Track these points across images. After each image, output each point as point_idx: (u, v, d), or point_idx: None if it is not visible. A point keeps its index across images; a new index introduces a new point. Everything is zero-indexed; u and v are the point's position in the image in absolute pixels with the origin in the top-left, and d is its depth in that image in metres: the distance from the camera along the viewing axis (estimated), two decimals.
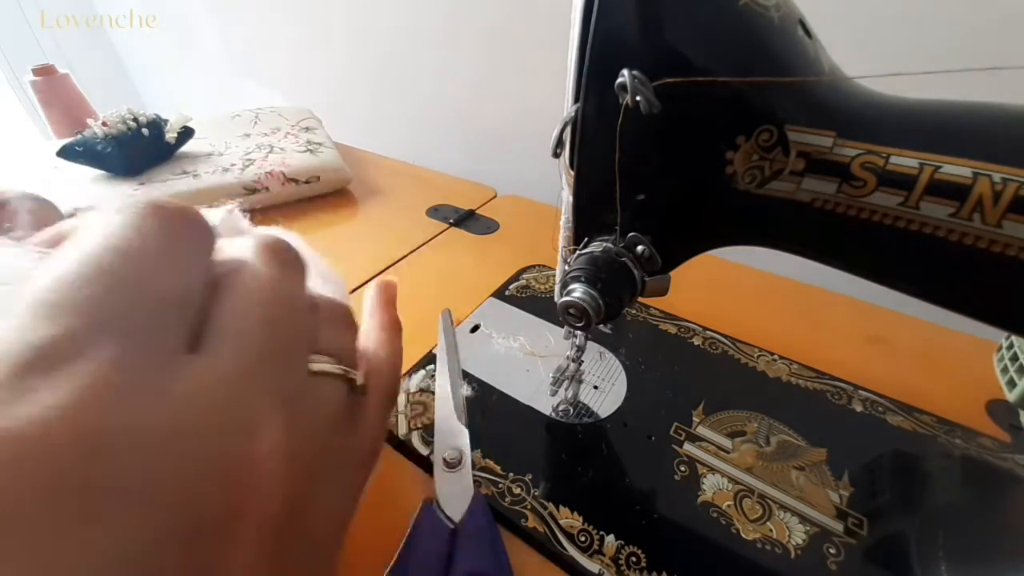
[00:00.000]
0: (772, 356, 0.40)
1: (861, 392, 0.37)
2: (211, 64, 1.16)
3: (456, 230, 0.58)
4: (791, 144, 0.20)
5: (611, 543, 0.28)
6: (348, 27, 0.87)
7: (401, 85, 0.87)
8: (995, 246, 0.18)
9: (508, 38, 0.71)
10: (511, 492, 0.31)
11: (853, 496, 0.30)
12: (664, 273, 0.25)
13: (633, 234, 0.24)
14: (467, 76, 0.78)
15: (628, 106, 0.20)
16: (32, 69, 0.72)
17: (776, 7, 0.20)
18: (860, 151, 0.19)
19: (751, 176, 0.21)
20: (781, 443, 0.33)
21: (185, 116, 0.60)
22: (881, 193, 0.19)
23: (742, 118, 0.20)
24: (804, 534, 0.29)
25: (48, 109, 0.74)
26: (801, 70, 0.20)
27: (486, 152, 0.82)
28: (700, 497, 0.30)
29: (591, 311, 0.23)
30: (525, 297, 0.47)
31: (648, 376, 0.38)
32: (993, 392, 0.36)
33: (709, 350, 0.41)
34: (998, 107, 0.18)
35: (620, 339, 0.41)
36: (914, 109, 0.20)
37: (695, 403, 0.36)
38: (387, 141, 0.88)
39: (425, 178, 0.71)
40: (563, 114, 0.23)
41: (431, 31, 0.77)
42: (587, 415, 0.35)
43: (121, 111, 0.55)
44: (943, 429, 0.34)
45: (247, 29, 1.03)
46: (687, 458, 0.32)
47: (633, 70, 0.19)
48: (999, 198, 0.17)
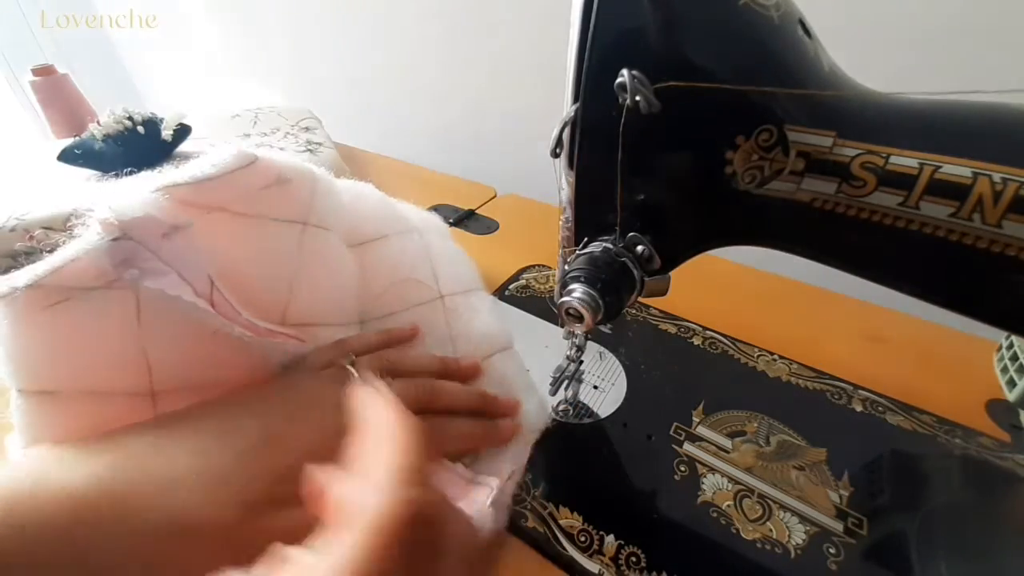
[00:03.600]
0: (772, 356, 0.40)
1: (861, 392, 0.37)
2: (211, 64, 1.16)
3: (456, 230, 0.58)
4: (791, 144, 0.20)
5: (611, 543, 0.28)
6: (348, 27, 0.87)
7: (401, 85, 0.87)
8: (995, 246, 0.17)
9: (508, 38, 0.71)
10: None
11: (853, 496, 0.30)
12: (664, 273, 0.25)
13: (633, 234, 0.24)
14: (467, 76, 0.78)
15: (628, 106, 0.20)
16: (32, 69, 0.72)
17: (776, 7, 0.20)
18: (860, 151, 0.19)
19: (751, 176, 0.21)
20: (781, 443, 0.33)
21: (180, 113, 0.60)
22: (881, 193, 0.19)
23: (742, 118, 0.20)
24: (804, 534, 0.29)
25: (48, 109, 0.74)
26: (801, 70, 0.20)
27: (486, 152, 0.82)
28: (700, 497, 0.30)
29: (591, 311, 0.23)
30: (525, 297, 0.47)
31: (648, 376, 0.38)
32: (993, 392, 0.36)
33: (709, 350, 0.41)
34: (998, 107, 0.18)
35: (620, 339, 0.41)
36: (914, 109, 0.20)
37: (695, 403, 0.36)
38: (387, 141, 0.88)
39: (425, 178, 0.71)
40: (563, 114, 0.23)
41: (431, 31, 0.77)
42: (587, 415, 0.35)
43: (116, 111, 0.55)
44: (943, 429, 0.34)
45: (247, 29, 1.03)
46: (687, 458, 0.32)
47: (633, 70, 0.19)
48: (999, 198, 0.17)
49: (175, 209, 0.23)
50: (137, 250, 0.22)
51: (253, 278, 0.26)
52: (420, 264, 0.34)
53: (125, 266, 0.21)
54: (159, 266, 0.22)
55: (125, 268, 0.21)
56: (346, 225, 0.31)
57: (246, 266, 0.26)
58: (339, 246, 0.30)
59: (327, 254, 0.29)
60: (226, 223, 0.25)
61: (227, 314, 0.23)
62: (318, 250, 0.29)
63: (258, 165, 0.25)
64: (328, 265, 0.29)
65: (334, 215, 0.30)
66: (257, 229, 0.26)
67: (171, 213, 0.23)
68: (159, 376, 0.23)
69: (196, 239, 0.23)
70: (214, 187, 0.24)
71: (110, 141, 0.53)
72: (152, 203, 0.22)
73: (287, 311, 0.27)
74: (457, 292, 0.35)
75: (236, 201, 0.25)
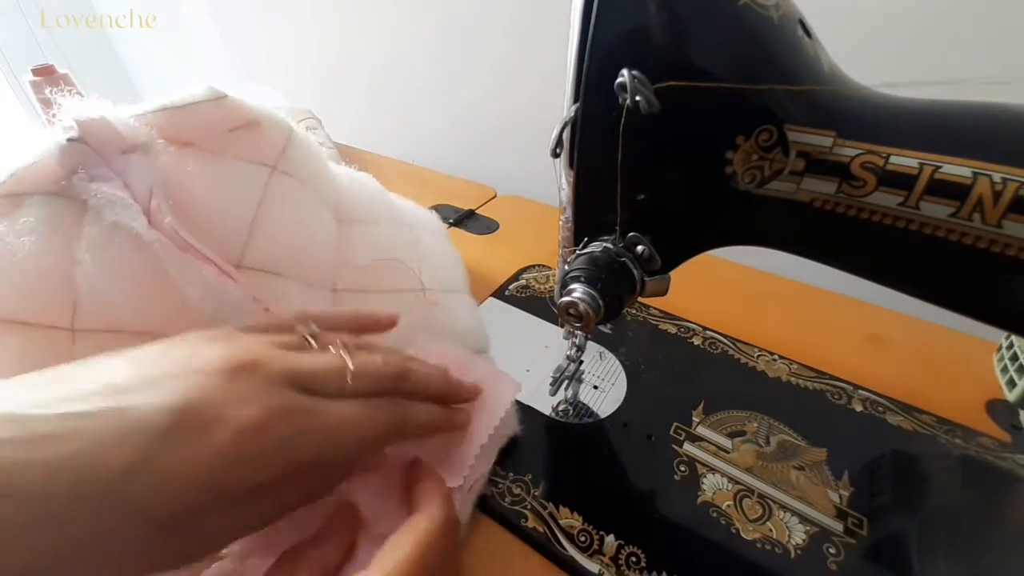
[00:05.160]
0: (772, 356, 0.40)
1: (861, 392, 0.37)
2: (211, 64, 1.16)
3: (456, 230, 0.58)
4: (791, 144, 0.20)
5: (611, 543, 0.28)
6: (348, 27, 0.87)
7: (401, 85, 0.87)
8: (995, 246, 0.17)
9: (508, 38, 0.71)
10: (511, 492, 0.31)
11: (853, 496, 0.30)
12: (664, 273, 0.25)
13: (633, 234, 0.24)
14: (467, 76, 0.78)
15: (628, 106, 0.20)
16: (32, 69, 0.72)
17: (776, 7, 0.20)
18: (860, 151, 0.19)
19: (751, 176, 0.21)
20: (781, 443, 0.33)
21: None
22: (881, 193, 0.19)
23: (742, 118, 0.20)
24: (804, 534, 0.29)
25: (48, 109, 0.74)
26: (801, 70, 0.20)
27: (486, 152, 0.82)
28: (700, 497, 0.30)
29: (591, 311, 0.23)
30: (525, 297, 0.47)
31: (648, 376, 0.38)
32: (993, 392, 0.36)
33: (709, 350, 0.41)
34: (998, 107, 0.18)
35: (620, 339, 0.41)
36: (914, 109, 0.20)
37: (695, 403, 0.36)
38: (387, 141, 0.88)
39: (425, 178, 0.71)
40: (563, 114, 0.23)
41: (431, 31, 0.77)
42: (587, 415, 0.35)
43: None
44: (943, 429, 0.34)
45: (247, 29, 1.03)
46: (687, 458, 0.32)
47: (633, 70, 0.19)
48: (999, 198, 0.17)
49: (141, 131, 0.23)
50: (91, 156, 0.21)
51: (212, 213, 0.25)
52: (407, 255, 0.34)
53: (76, 172, 0.21)
54: (108, 174, 0.22)
55: (76, 173, 0.21)
56: (335, 198, 0.31)
57: (205, 200, 0.25)
58: (313, 201, 0.30)
59: (296, 204, 0.28)
60: (191, 158, 0.25)
61: (170, 237, 0.22)
62: (285, 198, 0.28)
63: (226, 102, 0.25)
64: (295, 215, 0.28)
65: (311, 171, 0.29)
66: (219, 164, 0.26)
67: (135, 132, 0.22)
68: (84, 312, 0.22)
69: (157, 164, 0.23)
70: (182, 118, 0.24)
71: None
72: (116, 118, 0.22)
73: (244, 253, 0.26)
74: (439, 290, 0.34)
75: (204, 139, 0.25)
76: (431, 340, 0.31)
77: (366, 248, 0.32)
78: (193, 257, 0.23)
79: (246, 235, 0.26)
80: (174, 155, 0.24)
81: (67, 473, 0.14)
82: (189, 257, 0.23)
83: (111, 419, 0.15)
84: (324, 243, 0.30)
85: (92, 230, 0.22)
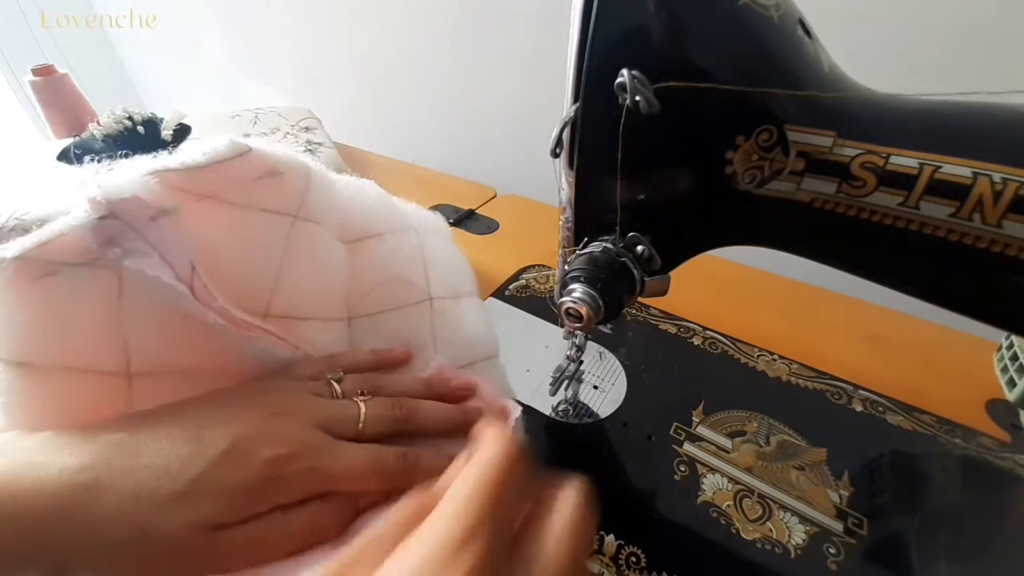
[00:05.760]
0: (772, 356, 0.40)
1: (861, 392, 0.37)
2: (211, 64, 1.16)
3: (456, 230, 0.58)
4: (791, 144, 0.20)
5: (611, 543, 0.28)
6: (348, 27, 0.87)
7: (401, 85, 0.87)
8: (995, 246, 0.17)
9: (508, 38, 0.71)
10: None
11: (853, 496, 0.30)
12: (664, 273, 0.25)
13: (633, 234, 0.24)
14: (467, 76, 0.78)
15: (628, 106, 0.19)
16: (32, 69, 0.72)
17: (776, 7, 0.20)
18: (860, 151, 0.19)
19: (751, 176, 0.21)
20: (781, 443, 0.33)
21: (180, 113, 0.60)
22: (881, 193, 0.19)
23: (742, 118, 0.20)
24: (804, 534, 0.29)
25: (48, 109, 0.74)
26: (801, 70, 0.20)
27: (486, 152, 0.82)
28: (700, 497, 0.30)
29: (591, 311, 0.23)
30: (525, 297, 0.47)
31: (648, 376, 0.38)
32: (993, 392, 0.36)
33: (709, 350, 0.40)
34: (998, 107, 0.18)
35: (620, 339, 0.41)
36: (914, 109, 0.20)
37: (695, 403, 0.36)
38: (387, 141, 0.88)
39: (425, 178, 0.71)
40: (563, 114, 0.23)
41: (431, 31, 0.77)
42: (587, 415, 0.35)
43: (116, 111, 0.55)
44: (943, 429, 0.34)
45: (247, 29, 1.03)
46: (687, 458, 0.32)
47: (633, 70, 0.19)
48: (999, 198, 0.17)
49: (164, 193, 0.23)
50: (122, 229, 0.21)
51: (237, 267, 0.26)
52: (412, 264, 0.34)
53: (110, 245, 0.21)
54: (143, 247, 0.22)
55: (110, 247, 0.21)
56: (340, 220, 0.31)
57: (231, 255, 0.26)
58: (329, 240, 0.30)
59: (315, 249, 0.29)
60: (215, 211, 0.25)
61: (205, 300, 0.23)
62: (306, 244, 0.28)
63: (251, 156, 0.25)
64: (316, 260, 0.29)
65: (326, 209, 0.30)
66: (245, 219, 0.26)
67: (159, 197, 0.22)
68: (136, 358, 0.23)
69: (183, 224, 0.23)
70: (205, 175, 0.24)
71: (110, 141, 0.54)
72: (141, 185, 0.22)
73: (271, 303, 0.27)
74: (447, 296, 0.35)
75: (227, 190, 0.25)
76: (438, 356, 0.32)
77: (373, 266, 0.33)
78: (247, 332, 0.25)
79: (271, 288, 0.27)
80: (199, 211, 0.24)
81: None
82: (244, 334, 0.25)
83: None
84: (338, 277, 0.31)
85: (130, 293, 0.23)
